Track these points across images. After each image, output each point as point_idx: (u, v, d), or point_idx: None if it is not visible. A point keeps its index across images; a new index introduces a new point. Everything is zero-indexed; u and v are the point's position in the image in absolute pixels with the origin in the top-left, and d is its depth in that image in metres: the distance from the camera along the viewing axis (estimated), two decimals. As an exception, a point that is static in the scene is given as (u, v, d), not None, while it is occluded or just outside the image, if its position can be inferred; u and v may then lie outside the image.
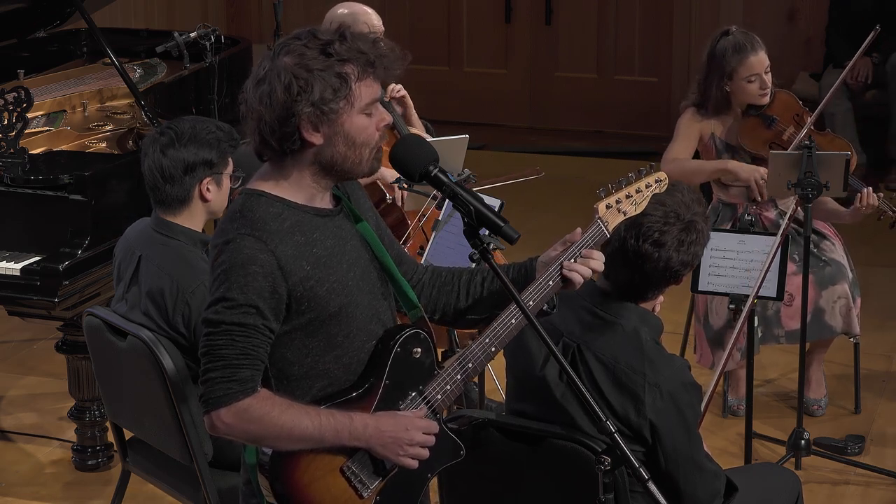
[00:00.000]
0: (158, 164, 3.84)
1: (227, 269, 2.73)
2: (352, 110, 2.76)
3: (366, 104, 2.78)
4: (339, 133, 2.77)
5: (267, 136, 2.77)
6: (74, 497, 4.78)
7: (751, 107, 5.04)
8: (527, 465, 3.26)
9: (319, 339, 2.82)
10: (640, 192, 3.08)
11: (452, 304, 3.06)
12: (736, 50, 4.97)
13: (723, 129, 5.09)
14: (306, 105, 2.72)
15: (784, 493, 3.59)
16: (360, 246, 2.90)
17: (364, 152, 2.80)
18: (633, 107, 9.21)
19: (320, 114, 2.73)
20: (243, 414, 2.73)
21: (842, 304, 5.05)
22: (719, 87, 5.01)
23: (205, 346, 2.75)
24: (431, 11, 9.55)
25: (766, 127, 5.04)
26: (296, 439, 2.76)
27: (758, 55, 4.98)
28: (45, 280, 4.48)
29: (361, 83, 2.76)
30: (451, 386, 2.89)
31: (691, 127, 5.11)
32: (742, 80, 4.98)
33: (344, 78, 2.74)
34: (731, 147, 5.07)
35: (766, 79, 5.00)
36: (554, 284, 2.92)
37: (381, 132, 2.83)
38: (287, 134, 2.75)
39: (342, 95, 2.74)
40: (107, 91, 5.64)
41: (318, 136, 2.76)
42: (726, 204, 5.15)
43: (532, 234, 4.56)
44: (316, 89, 2.72)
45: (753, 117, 5.04)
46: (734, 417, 5.20)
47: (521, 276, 3.00)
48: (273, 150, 2.80)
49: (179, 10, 9.17)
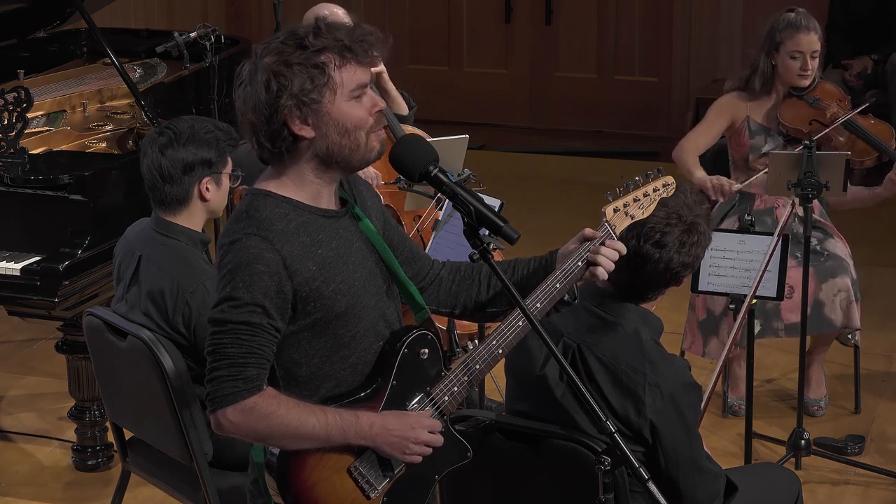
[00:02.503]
0: (157, 163, 3.84)
1: (233, 268, 2.73)
2: (335, 98, 2.76)
3: (351, 90, 2.77)
4: (328, 122, 2.77)
5: (260, 137, 2.78)
6: (74, 497, 4.78)
7: (793, 89, 5.06)
8: (527, 464, 3.26)
9: (326, 339, 2.82)
10: (647, 195, 3.08)
11: (473, 298, 3.07)
12: (789, 24, 5.04)
13: (762, 113, 5.10)
14: (288, 99, 2.73)
15: (784, 493, 3.59)
16: (365, 248, 2.90)
17: (359, 137, 2.80)
18: (633, 107, 9.21)
19: (303, 105, 2.74)
20: (249, 412, 2.73)
21: (842, 297, 5.04)
22: (767, 59, 5.06)
23: (211, 346, 2.75)
24: (431, 11, 9.55)
25: (809, 105, 5.06)
26: (302, 438, 2.76)
27: (808, 35, 5.02)
28: (45, 280, 4.48)
29: (342, 70, 2.76)
30: (459, 388, 2.89)
31: (723, 112, 5.14)
32: (787, 54, 5.03)
33: (321, 67, 2.74)
34: (765, 129, 5.09)
35: (809, 61, 5.03)
36: (577, 274, 2.94)
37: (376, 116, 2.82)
38: (276, 132, 2.76)
39: (322, 84, 2.74)
40: (107, 91, 5.64)
41: (308, 128, 2.77)
42: (744, 194, 5.15)
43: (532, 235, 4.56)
44: (295, 83, 2.73)
45: (795, 97, 5.07)
46: (734, 417, 5.20)
47: (541, 268, 3.01)
48: (270, 152, 2.80)
49: (179, 10, 9.17)
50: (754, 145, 5.09)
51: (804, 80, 5.05)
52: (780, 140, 5.07)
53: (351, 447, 2.81)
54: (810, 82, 5.07)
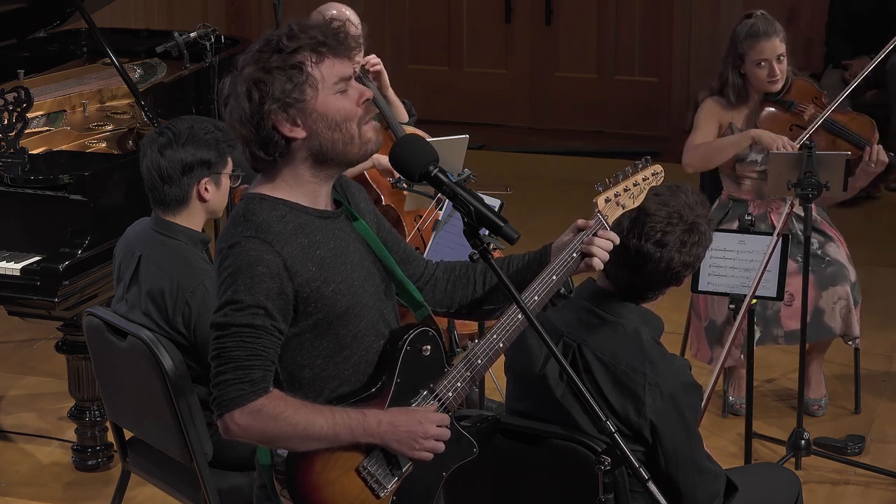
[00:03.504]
0: (156, 164, 3.84)
1: (234, 271, 2.73)
2: (318, 93, 2.76)
3: (333, 83, 2.78)
4: (316, 119, 2.77)
5: (253, 148, 2.79)
6: (74, 497, 4.78)
7: (767, 95, 5.05)
8: (527, 464, 3.26)
9: (328, 340, 2.82)
10: (637, 185, 3.12)
11: (469, 296, 3.07)
12: (749, 34, 5.00)
13: (742, 119, 5.09)
14: (272, 103, 2.74)
15: (784, 492, 3.59)
16: (362, 248, 2.90)
17: (350, 129, 2.80)
18: (633, 107, 9.20)
19: (288, 106, 2.75)
20: (257, 414, 2.72)
21: (842, 305, 5.04)
22: (734, 70, 5.04)
23: (215, 350, 2.74)
24: (431, 11, 9.55)
25: (785, 111, 5.04)
26: (311, 438, 2.75)
27: (770, 40, 4.98)
28: (45, 280, 4.48)
29: (320, 65, 2.77)
30: (462, 383, 2.89)
31: (711, 115, 5.13)
32: (752, 63, 5.00)
33: (298, 66, 2.75)
34: None
35: (776, 66, 5.00)
36: (572, 266, 2.95)
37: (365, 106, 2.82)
38: (267, 138, 2.76)
39: (301, 82, 2.75)
40: (107, 91, 5.64)
41: (299, 129, 2.77)
42: (737, 200, 5.14)
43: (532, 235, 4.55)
44: (276, 86, 2.74)
45: (772, 102, 5.05)
46: (734, 417, 5.20)
47: (536, 262, 3.02)
48: (264, 161, 2.81)
49: (179, 10, 9.16)
50: (739, 155, 5.08)
51: (775, 85, 5.03)
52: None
53: (359, 447, 2.81)
54: (783, 84, 5.05)
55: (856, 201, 7.60)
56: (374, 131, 2.84)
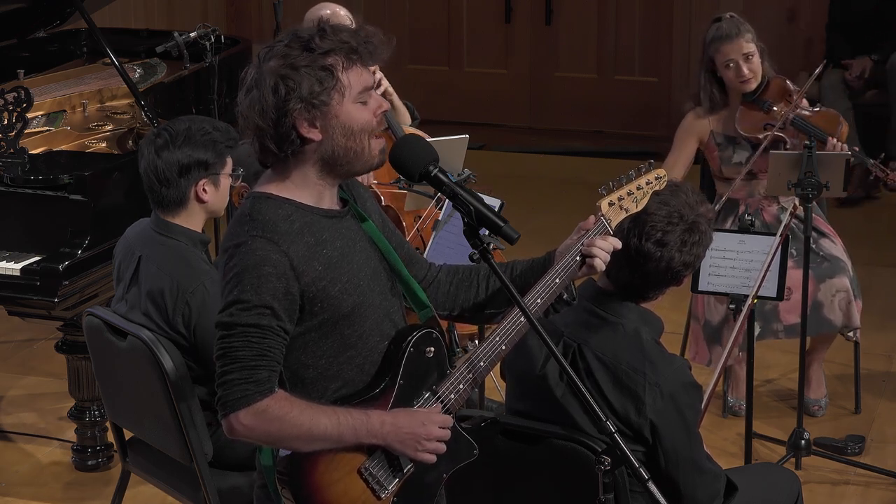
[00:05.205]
0: (153, 165, 3.83)
1: (240, 271, 2.72)
2: (343, 100, 2.76)
3: (358, 93, 2.78)
4: (335, 125, 2.77)
5: (265, 141, 2.77)
6: (74, 497, 4.78)
7: (745, 95, 5.05)
8: (527, 464, 3.26)
9: (333, 340, 2.82)
10: (640, 188, 3.12)
11: (472, 299, 3.07)
12: (714, 37, 5.02)
13: (722, 122, 5.10)
14: (297, 102, 2.73)
15: (784, 493, 3.59)
16: (368, 247, 2.90)
17: (363, 140, 2.79)
18: (633, 107, 9.20)
19: (312, 108, 2.74)
20: (262, 415, 2.72)
21: (841, 297, 5.04)
22: (707, 73, 5.05)
23: (220, 349, 2.74)
24: (431, 11, 9.55)
25: (760, 110, 5.05)
26: (315, 439, 2.75)
27: (734, 42, 4.98)
28: (45, 280, 4.48)
29: (349, 72, 2.76)
30: (464, 385, 2.89)
31: (688, 134, 5.14)
32: (722, 65, 5.02)
33: (329, 70, 2.74)
34: (730, 139, 5.09)
35: (743, 66, 4.99)
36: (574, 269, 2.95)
37: (380, 118, 2.82)
38: (284, 135, 2.75)
39: (331, 87, 2.74)
40: (107, 91, 5.64)
41: (316, 131, 2.76)
42: (729, 200, 5.14)
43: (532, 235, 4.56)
44: (304, 85, 2.72)
45: (748, 103, 5.06)
46: (734, 417, 5.20)
47: (539, 266, 3.02)
48: (274, 156, 2.80)
49: (179, 10, 9.16)
50: (724, 157, 5.09)
51: (747, 84, 5.03)
52: (748, 147, 5.06)
53: (361, 448, 2.81)
54: (759, 83, 5.04)
55: (856, 201, 7.63)
56: (379, 150, 2.84)
